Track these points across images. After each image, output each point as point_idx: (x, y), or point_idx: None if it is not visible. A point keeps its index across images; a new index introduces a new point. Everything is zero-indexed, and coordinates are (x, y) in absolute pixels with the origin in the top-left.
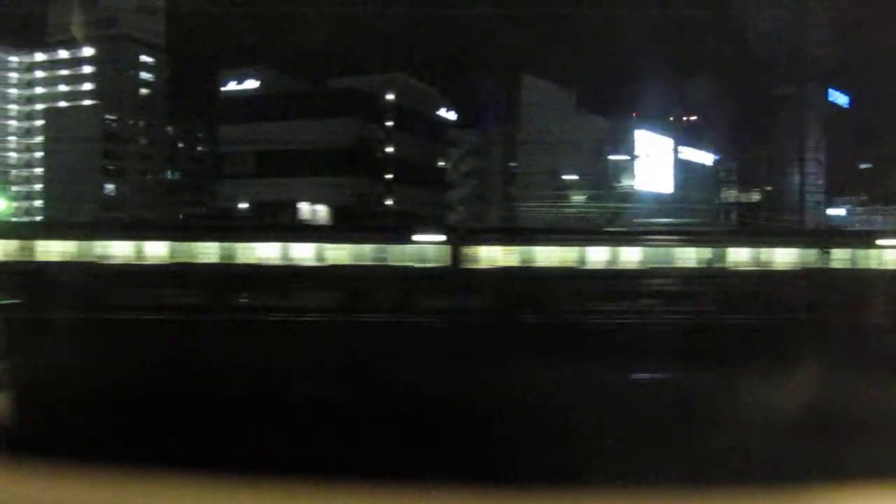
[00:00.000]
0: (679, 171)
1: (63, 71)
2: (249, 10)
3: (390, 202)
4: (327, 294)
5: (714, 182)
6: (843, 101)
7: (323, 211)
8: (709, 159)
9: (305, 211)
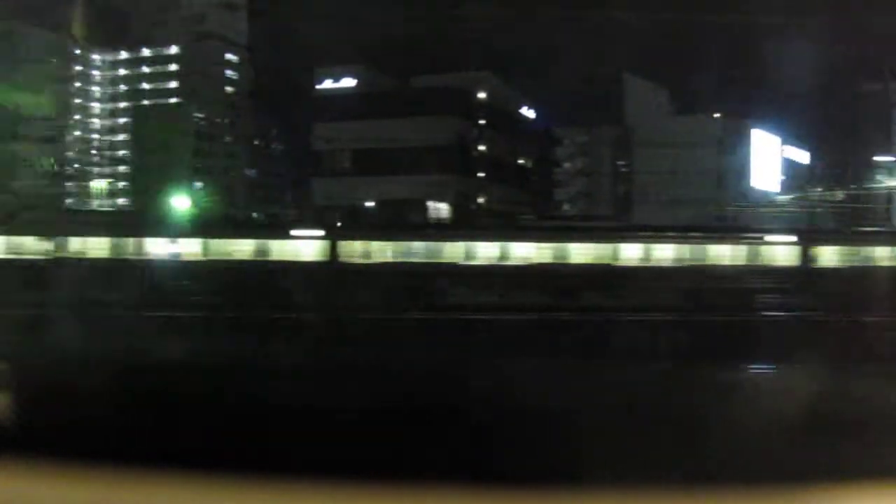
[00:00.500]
0: (785, 171)
1: (146, 69)
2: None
3: (483, 201)
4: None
5: (817, 181)
6: None
7: (445, 209)
8: (805, 158)
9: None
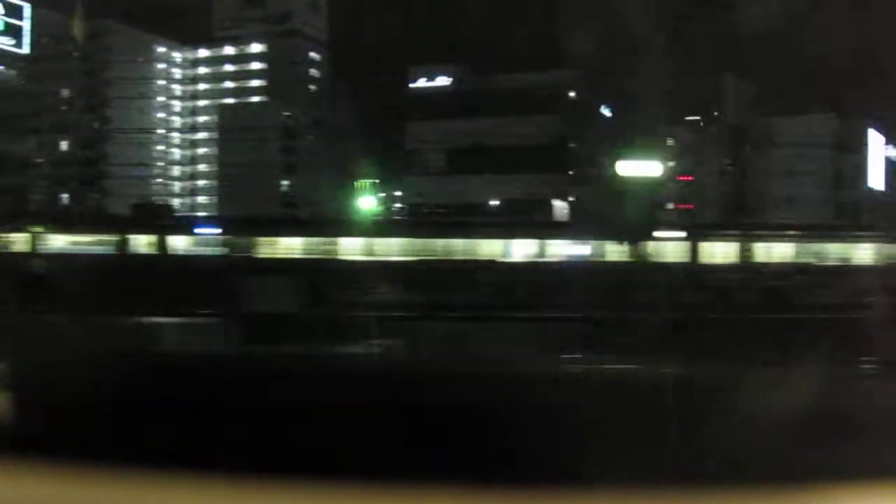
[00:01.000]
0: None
1: (228, 67)
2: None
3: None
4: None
5: None
6: None
7: (562, 208)
8: None
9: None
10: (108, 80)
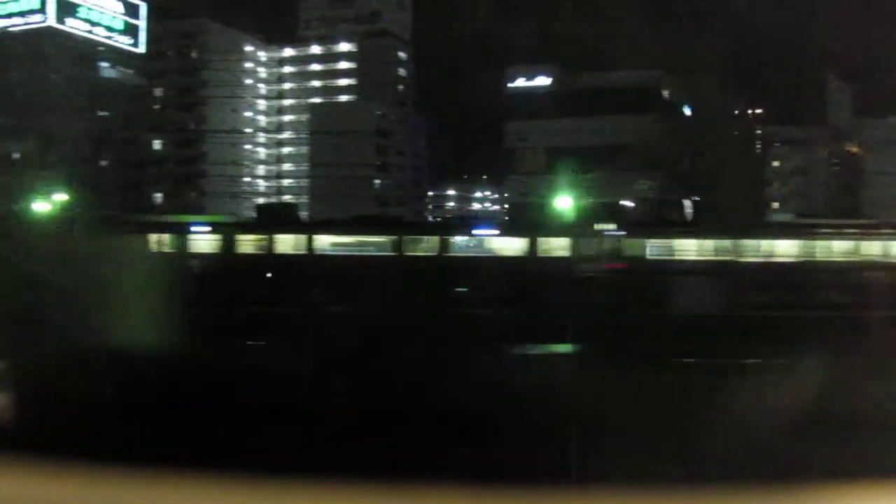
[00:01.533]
0: None
1: (315, 66)
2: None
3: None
4: None
5: None
6: None
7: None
8: None
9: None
10: (204, 80)
